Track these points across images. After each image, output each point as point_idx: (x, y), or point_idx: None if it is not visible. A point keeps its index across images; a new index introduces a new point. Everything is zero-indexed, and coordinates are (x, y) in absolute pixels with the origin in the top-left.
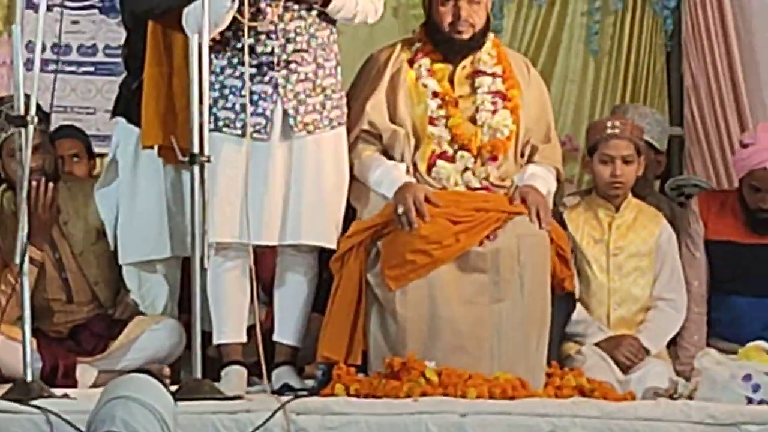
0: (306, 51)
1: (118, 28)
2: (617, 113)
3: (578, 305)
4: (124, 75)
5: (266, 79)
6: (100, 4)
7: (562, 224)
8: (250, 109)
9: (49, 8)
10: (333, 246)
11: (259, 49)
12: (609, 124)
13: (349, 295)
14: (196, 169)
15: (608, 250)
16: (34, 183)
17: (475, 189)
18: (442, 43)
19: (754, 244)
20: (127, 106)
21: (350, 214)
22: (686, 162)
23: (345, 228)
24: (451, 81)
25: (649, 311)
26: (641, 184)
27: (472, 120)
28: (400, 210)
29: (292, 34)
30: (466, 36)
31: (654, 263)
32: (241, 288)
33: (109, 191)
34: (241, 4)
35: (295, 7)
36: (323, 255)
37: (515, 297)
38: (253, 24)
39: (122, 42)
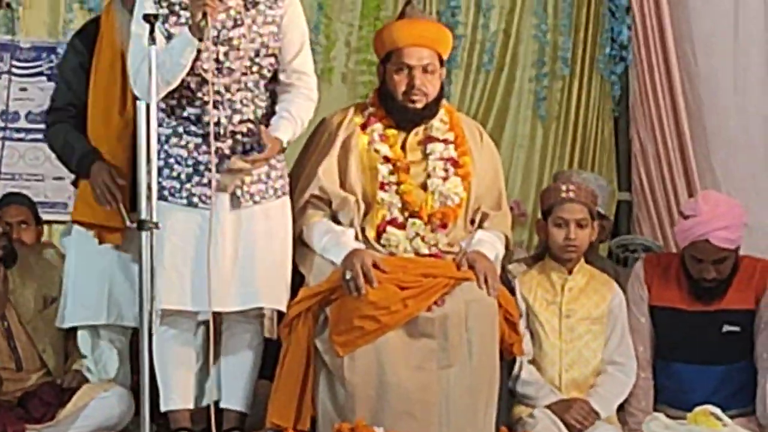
0: (252, 122)
1: None
2: (560, 179)
3: (530, 367)
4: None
5: (212, 149)
6: (48, 72)
7: (510, 289)
8: (195, 178)
9: None
10: (283, 309)
11: (206, 118)
12: (564, 188)
13: (298, 361)
14: (144, 235)
15: (560, 312)
16: None
17: (424, 255)
18: (395, 110)
19: (698, 311)
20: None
21: (297, 280)
22: (634, 227)
23: (293, 294)
24: (403, 147)
25: (600, 375)
26: (587, 249)
27: (423, 186)
28: (348, 276)
29: (238, 105)
30: (419, 105)
31: (605, 327)
32: (187, 355)
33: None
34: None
35: (243, 78)
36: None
37: (463, 362)
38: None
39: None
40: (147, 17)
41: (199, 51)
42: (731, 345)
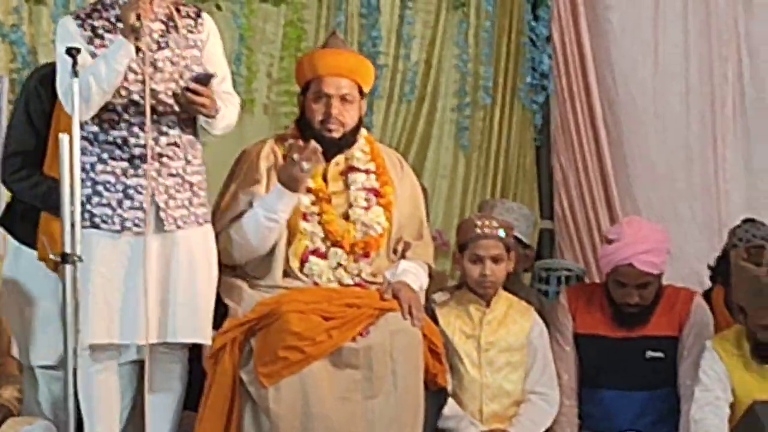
0: (177, 145)
1: None
2: (485, 209)
3: (450, 400)
4: None
5: (140, 172)
6: None
7: (434, 320)
8: (126, 203)
9: None
10: (208, 342)
11: (132, 141)
12: (479, 223)
13: (223, 392)
14: (68, 268)
15: (479, 345)
16: None
17: (348, 285)
18: (313, 139)
19: (622, 337)
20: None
21: (221, 311)
22: (557, 255)
23: (218, 325)
24: (324, 177)
25: (522, 405)
26: (511, 278)
27: (345, 216)
28: (296, 157)
29: (164, 128)
30: (336, 134)
31: (526, 357)
32: (113, 389)
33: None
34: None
35: (168, 101)
36: (195, 351)
37: (388, 393)
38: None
39: None
40: (69, 51)
41: (126, 74)
42: (655, 371)
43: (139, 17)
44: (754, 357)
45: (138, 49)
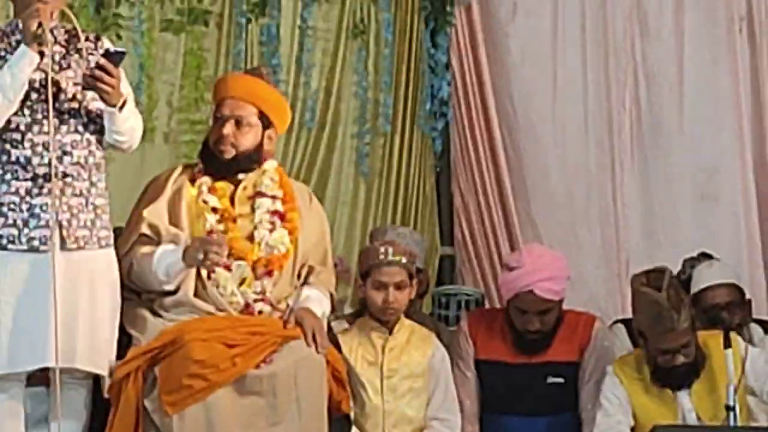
0: (82, 166)
1: None
2: (376, 236)
3: (353, 428)
4: None
5: (44, 191)
6: None
7: (337, 346)
8: (32, 222)
9: None
10: (104, 373)
11: (36, 160)
12: (382, 250)
13: (127, 422)
14: None
15: (382, 372)
16: None
17: (255, 301)
18: (209, 159)
19: (523, 363)
20: None
21: (125, 341)
22: (458, 280)
23: (121, 354)
24: (232, 200)
25: (424, 431)
26: (408, 304)
27: (250, 238)
28: (200, 256)
29: (68, 147)
30: (227, 155)
31: (428, 383)
32: (15, 414)
33: None
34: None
35: (72, 121)
36: (99, 380)
37: (292, 420)
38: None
39: None
40: None
41: (29, 93)
42: (556, 396)
43: (40, 25)
44: (654, 381)
45: (41, 55)
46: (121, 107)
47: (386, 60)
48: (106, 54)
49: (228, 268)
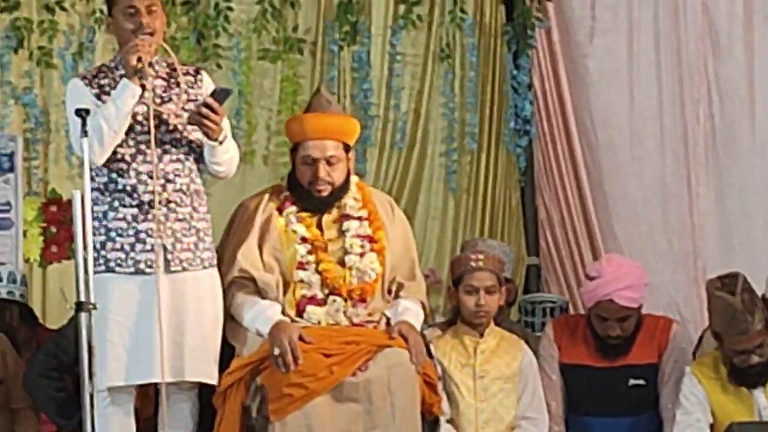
0: (184, 192)
1: (4, 185)
2: (467, 248)
3: (448, 426)
4: None
5: (149, 217)
6: None
7: (429, 353)
8: (138, 246)
9: None
10: (213, 382)
11: (141, 188)
12: (473, 257)
13: (232, 428)
14: (83, 316)
15: (475, 373)
16: None
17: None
18: (303, 197)
19: (605, 367)
20: None
21: (227, 351)
22: (543, 289)
23: (224, 364)
24: (319, 226)
25: (514, 430)
26: (497, 313)
27: (341, 262)
28: (276, 352)
29: (171, 176)
30: (324, 193)
31: (517, 385)
32: (128, 427)
33: None
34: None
35: (173, 150)
36: (204, 388)
37: (387, 424)
38: (159, 110)
39: None
40: (78, 112)
41: (132, 126)
42: (637, 397)
43: (140, 59)
44: (731, 381)
45: (143, 87)
46: (222, 141)
47: (471, 82)
48: (213, 93)
49: (321, 303)
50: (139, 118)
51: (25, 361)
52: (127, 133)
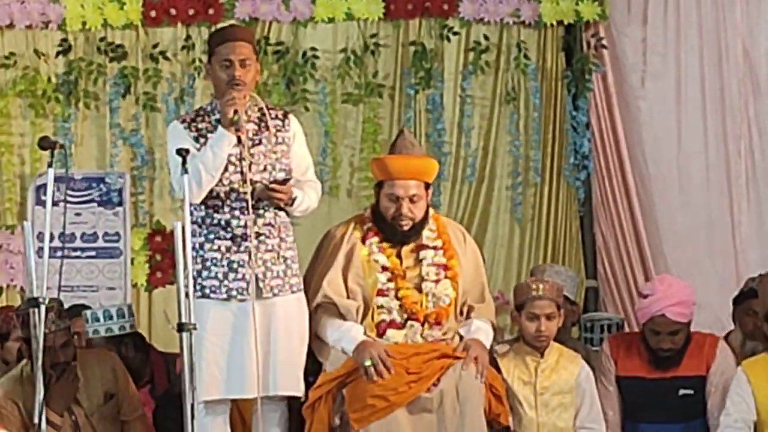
0: (273, 226)
1: (114, 218)
2: (536, 273)
3: None
4: None
5: (242, 248)
6: (99, 199)
7: (496, 367)
8: (231, 275)
9: (55, 204)
10: (301, 395)
11: (234, 222)
12: (534, 286)
13: None
14: (185, 335)
15: (535, 390)
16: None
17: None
18: (386, 230)
19: (658, 378)
20: None
21: (313, 366)
22: (601, 308)
23: (310, 378)
24: (398, 255)
25: None
26: (560, 330)
27: (418, 289)
28: (368, 363)
29: (261, 211)
30: (406, 227)
31: (575, 398)
32: None
33: None
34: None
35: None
36: (293, 401)
37: (457, 431)
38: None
39: None
40: (179, 152)
41: (227, 167)
42: (687, 406)
43: (236, 111)
44: None
45: (239, 139)
46: (292, 203)
47: (535, 122)
48: (276, 181)
49: (400, 326)
50: (233, 159)
51: (141, 384)
52: (221, 173)
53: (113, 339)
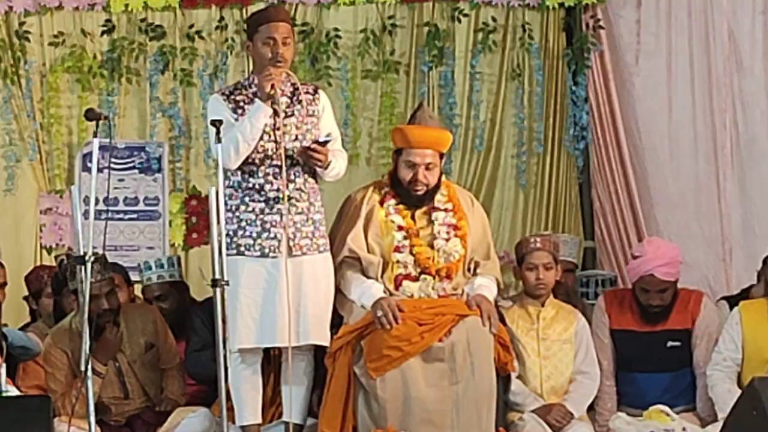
0: (303, 190)
1: (154, 183)
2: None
3: (517, 380)
4: None
5: (274, 211)
6: (139, 166)
7: (502, 320)
8: (264, 235)
9: (100, 170)
10: (327, 344)
11: (267, 187)
12: (532, 240)
13: (341, 383)
14: (218, 290)
15: (538, 336)
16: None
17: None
18: (402, 194)
19: (648, 331)
20: None
21: (336, 320)
22: (598, 266)
23: (334, 330)
24: (413, 216)
25: (572, 383)
26: (563, 289)
27: (431, 246)
28: (380, 314)
29: (292, 177)
30: (420, 192)
31: (574, 346)
32: (256, 381)
33: None
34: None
35: (294, 155)
36: (318, 351)
37: (468, 379)
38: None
39: None
40: (213, 123)
41: (261, 136)
42: (675, 356)
43: (273, 86)
44: None
45: (275, 112)
46: (327, 167)
47: (538, 96)
48: (317, 141)
49: (415, 279)
50: (267, 129)
51: (183, 335)
52: (257, 142)
53: (163, 286)
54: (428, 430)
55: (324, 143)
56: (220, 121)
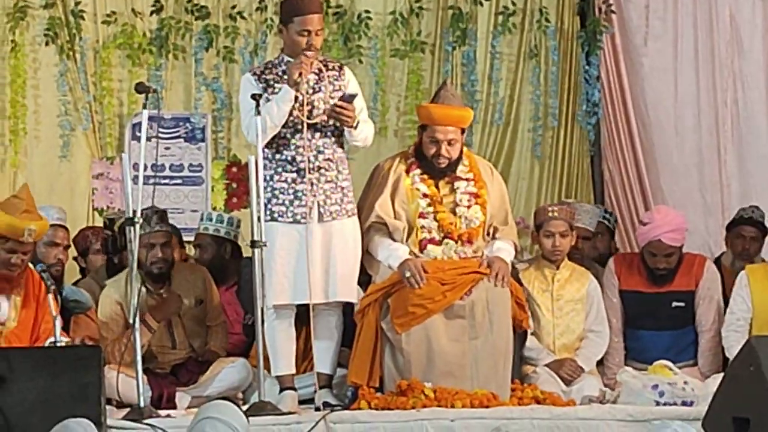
0: (331, 160)
1: (197, 152)
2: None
3: (532, 337)
4: None
5: (304, 180)
6: (185, 135)
7: (518, 280)
8: (296, 203)
9: (148, 139)
10: (355, 301)
11: (298, 158)
12: (549, 209)
13: (369, 338)
14: (257, 251)
15: (552, 296)
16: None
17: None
18: (427, 166)
19: (654, 292)
20: None
21: (363, 279)
22: None
23: (362, 288)
24: (437, 185)
25: (583, 340)
26: (578, 255)
27: (453, 212)
28: (408, 274)
29: (321, 148)
30: (443, 165)
31: (585, 306)
32: (290, 335)
33: None
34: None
35: (322, 128)
36: (347, 308)
37: (486, 335)
38: (310, 122)
39: None
40: (253, 96)
41: (292, 110)
42: (679, 316)
43: (300, 74)
44: None
45: (296, 98)
46: (355, 126)
47: (553, 74)
48: (342, 97)
49: (438, 243)
50: (296, 104)
51: (230, 284)
52: (287, 116)
53: (217, 239)
54: (449, 382)
55: (350, 99)
56: (260, 95)
